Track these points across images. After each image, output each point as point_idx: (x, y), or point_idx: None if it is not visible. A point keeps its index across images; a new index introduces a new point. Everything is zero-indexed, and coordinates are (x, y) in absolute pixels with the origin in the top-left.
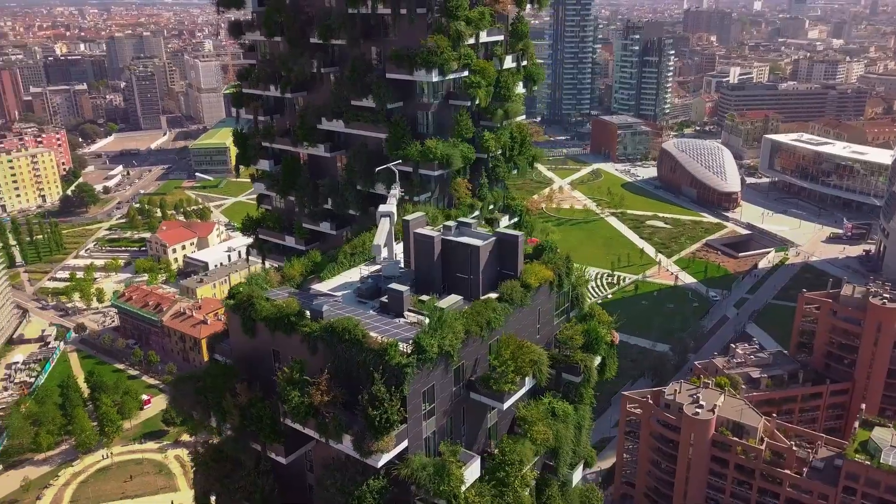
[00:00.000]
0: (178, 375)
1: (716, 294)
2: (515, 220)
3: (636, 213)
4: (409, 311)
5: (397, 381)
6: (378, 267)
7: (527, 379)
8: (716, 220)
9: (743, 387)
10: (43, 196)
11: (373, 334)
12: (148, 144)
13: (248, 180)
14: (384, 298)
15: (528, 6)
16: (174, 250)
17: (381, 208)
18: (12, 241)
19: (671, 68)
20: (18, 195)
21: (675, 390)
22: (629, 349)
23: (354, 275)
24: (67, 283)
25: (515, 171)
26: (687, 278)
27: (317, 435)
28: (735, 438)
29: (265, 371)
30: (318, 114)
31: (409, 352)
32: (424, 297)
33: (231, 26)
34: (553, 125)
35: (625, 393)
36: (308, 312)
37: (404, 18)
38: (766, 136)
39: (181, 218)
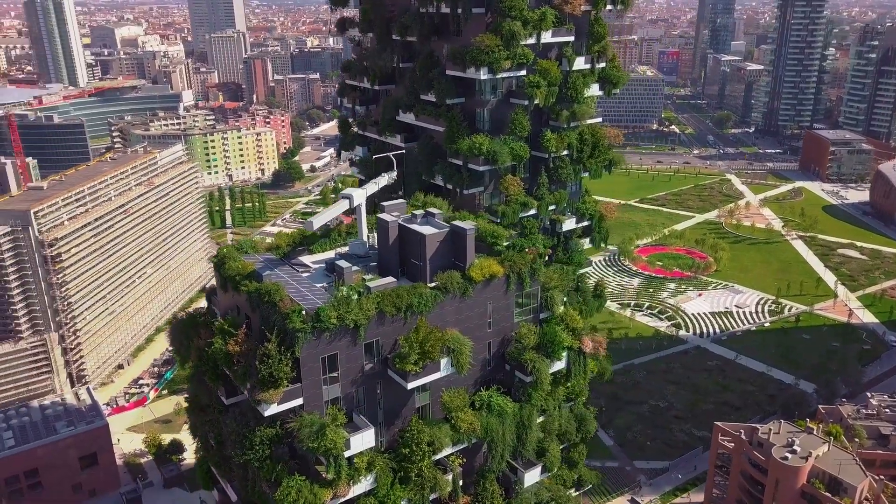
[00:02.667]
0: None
1: None
2: (585, 223)
3: (828, 239)
4: (351, 286)
5: (290, 343)
6: None
7: (442, 364)
8: None
9: (857, 440)
10: (262, 170)
11: (296, 300)
12: None
13: None
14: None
15: (609, 6)
16: None
17: (344, 191)
18: (227, 207)
19: None
20: (243, 167)
21: (770, 429)
22: (769, 382)
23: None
24: None
25: (586, 174)
26: (866, 317)
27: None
28: (827, 494)
29: None
30: (397, 106)
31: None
32: (367, 276)
33: (337, 23)
34: (767, 136)
35: (718, 423)
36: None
37: (468, 18)
38: None
39: None
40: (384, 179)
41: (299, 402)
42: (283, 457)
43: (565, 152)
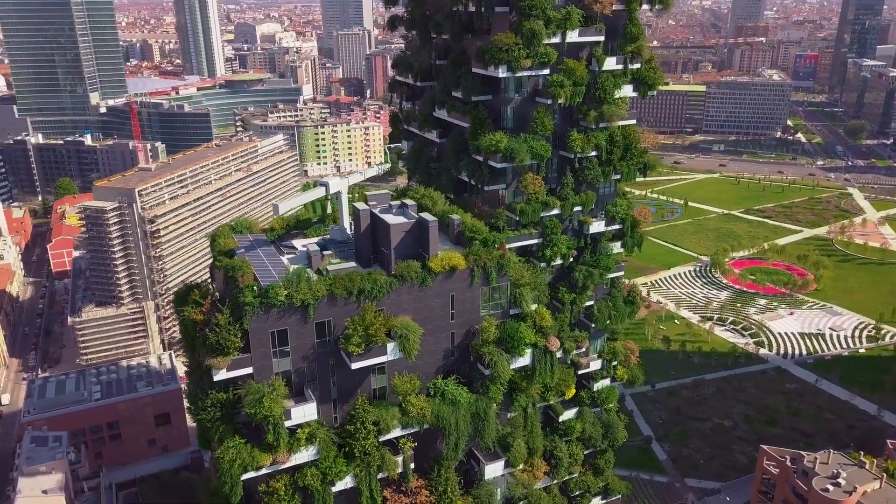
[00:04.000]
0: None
1: None
2: (616, 227)
3: None
4: (308, 268)
5: (240, 315)
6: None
7: (389, 348)
8: None
9: None
10: (368, 162)
11: (262, 278)
12: None
13: None
14: None
15: (646, 5)
16: None
17: (322, 179)
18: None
19: None
20: (350, 159)
21: (817, 458)
22: (849, 411)
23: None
24: None
25: (618, 177)
26: None
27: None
28: None
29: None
30: (433, 102)
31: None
32: (335, 260)
33: (388, 20)
34: None
35: (764, 447)
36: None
37: (495, 16)
38: None
39: None
40: (372, 171)
41: (249, 370)
42: (233, 420)
43: (593, 153)
